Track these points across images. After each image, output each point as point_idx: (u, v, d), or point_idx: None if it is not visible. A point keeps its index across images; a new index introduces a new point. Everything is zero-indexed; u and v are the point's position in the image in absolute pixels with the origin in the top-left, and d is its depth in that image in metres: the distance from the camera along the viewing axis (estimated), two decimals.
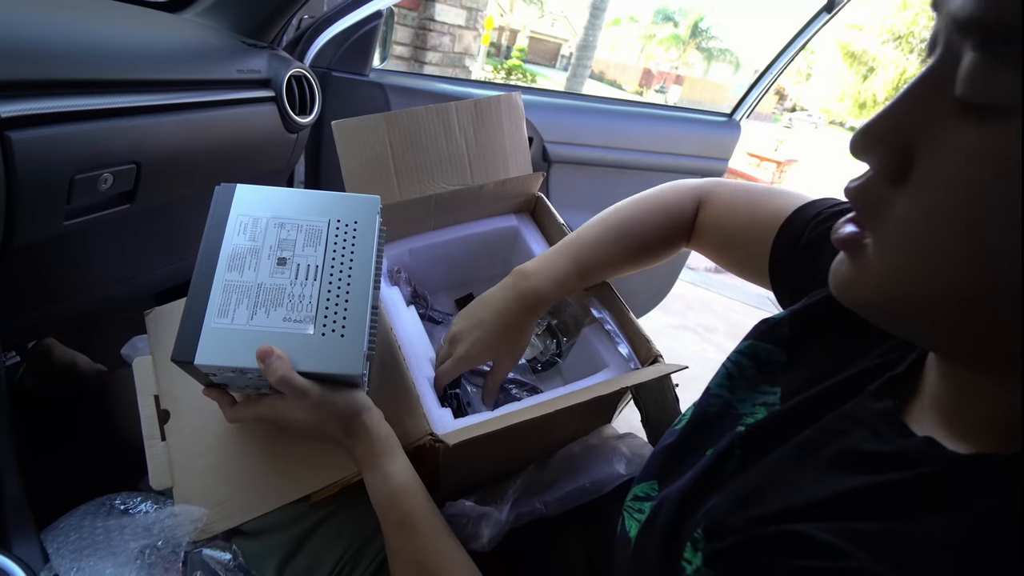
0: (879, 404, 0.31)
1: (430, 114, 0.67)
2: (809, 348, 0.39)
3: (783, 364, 0.40)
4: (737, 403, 0.41)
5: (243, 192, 0.49)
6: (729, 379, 0.42)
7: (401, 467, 0.47)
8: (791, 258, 0.47)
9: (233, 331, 0.44)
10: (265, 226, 0.47)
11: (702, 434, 0.40)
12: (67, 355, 0.89)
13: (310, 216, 0.48)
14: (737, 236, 0.54)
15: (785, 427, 0.34)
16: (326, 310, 0.45)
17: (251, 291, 0.45)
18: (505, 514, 0.51)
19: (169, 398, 0.54)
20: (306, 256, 0.47)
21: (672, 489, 0.37)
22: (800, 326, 0.40)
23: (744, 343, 0.42)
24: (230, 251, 0.46)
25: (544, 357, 0.72)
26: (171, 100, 0.68)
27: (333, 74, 1.10)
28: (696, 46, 20.49)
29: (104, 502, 0.52)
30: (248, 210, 0.48)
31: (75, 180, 0.57)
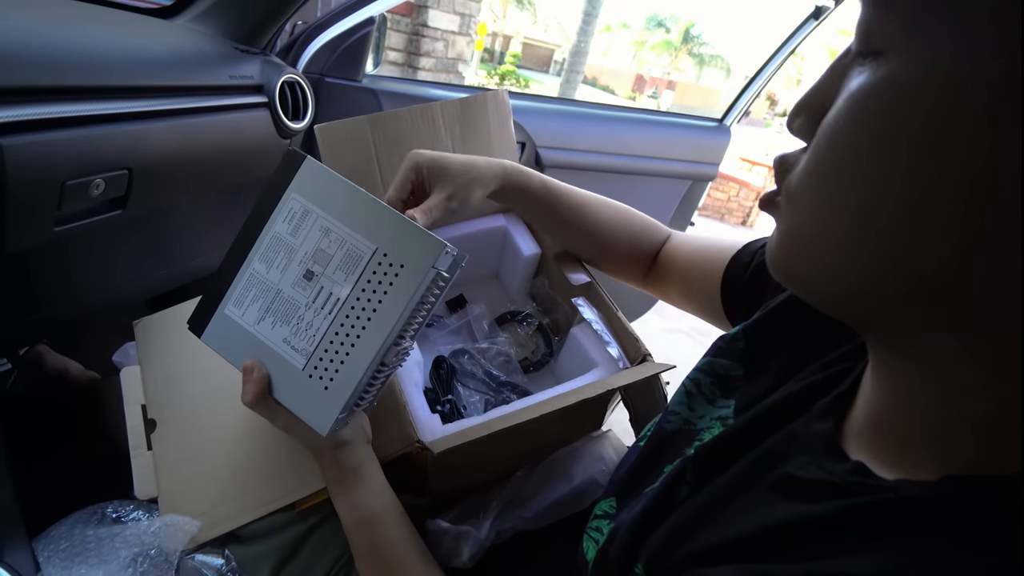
0: (821, 425, 0.30)
1: (414, 115, 0.67)
2: (765, 359, 0.40)
3: (740, 377, 0.41)
4: (696, 419, 0.41)
5: (308, 169, 0.43)
6: (687, 396, 0.42)
7: (370, 494, 0.46)
8: (742, 284, 0.49)
9: (238, 327, 0.44)
10: (312, 225, 0.42)
11: (660, 451, 0.41)
12: (59, 362, 0.89)
13: (359, 233, 0.41)
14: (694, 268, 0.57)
15: (733, 447, 0.34)
16: (324, 352, 0.41)
17: (269, 294, 0.43)
18: (485, 531, 0.51)
19: (156, 408, 0.54)
20: (334, 281, 0.41)
21: (627, 515, 0.37)
22: (755, 338, 0.41)
23: (702, 360, 0.43)
24: (269, 238, 0.43)
25: (535, 357, 0.73)
26: (163, 106, 0.68)
27: (326, 80, 1.10)
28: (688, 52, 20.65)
29: (96, 510, 0.52)
30: (304, 194, 0.43)
31: (66, 186, 0.57)
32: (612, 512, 0.40)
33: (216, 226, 0.96)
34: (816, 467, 0.28)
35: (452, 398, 0.62)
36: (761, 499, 0.30)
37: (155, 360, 0.57)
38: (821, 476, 0.27)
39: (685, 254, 0.60)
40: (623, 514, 0.38)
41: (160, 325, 0.60)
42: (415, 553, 0.45)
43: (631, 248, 0.64)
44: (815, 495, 0.27)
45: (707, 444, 0.36)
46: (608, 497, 0.42)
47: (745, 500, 0.30)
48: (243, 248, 0.44)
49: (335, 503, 0.46)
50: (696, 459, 0.35)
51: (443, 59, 4.31)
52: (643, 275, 0.65)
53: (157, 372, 0.56)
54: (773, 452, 0.32)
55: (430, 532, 0.51)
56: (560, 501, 0.53)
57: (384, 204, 0.41)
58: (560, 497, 0.53)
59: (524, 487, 0.55)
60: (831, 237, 0.25)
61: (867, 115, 0.23)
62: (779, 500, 0.29)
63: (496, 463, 0.58)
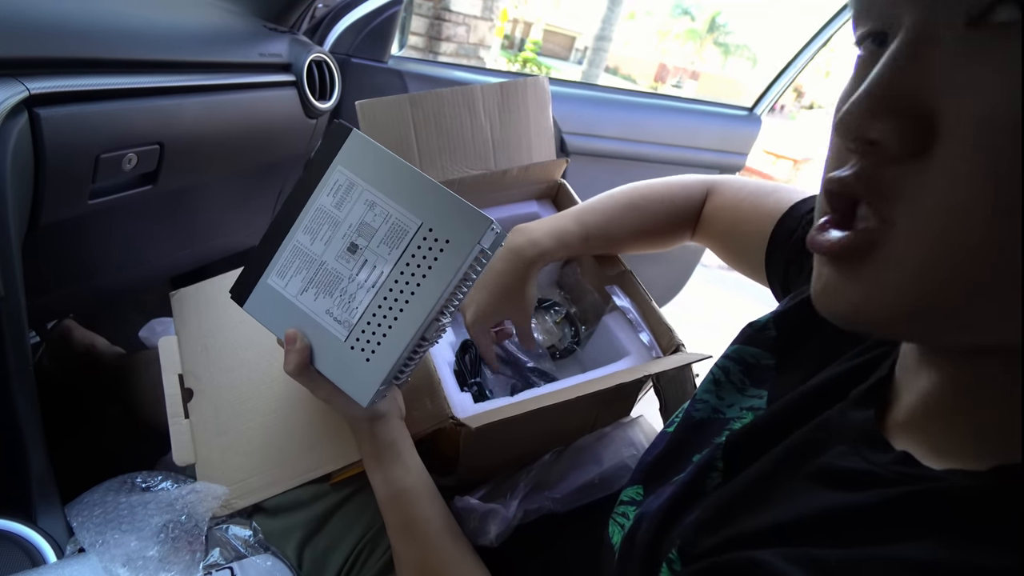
0: (860, 413, 0.29)
1: (455, 96, 0.66)
2: (797, 349, 0.38)
3: (772, 368, 0.40)
4: (725, 408, 0.40)
5: (355, 142, 0.42)
6: (715, 384, 0.41)
7: (405, 470, 0.46)
8: (784, 253, 0.47)
9: (281, 298, 0.44)
10: (357, 197, 0.41)
11: (688, 439, 0.40)
12: (86, 337, 0.90)
13: (405, 207, 0.40)
14: (738, 228, 0.55)
15: (766, 436, 0.33)
16: (367, 325, 0.41)
17: (312, 265, 0.43)
18: (512, 511, 0.51)
19: (192, 378, 0.54)
20: (377, 255, 0.41)
21: (653, 503, 0.36)
22: (787, 327, 0.40)
23: (731, 347, 0.42)
24: (313, 210, 0.43)
25: (562, 345, 0.72)
26: (194, 82, 0.68)
27: (352, 60, 1.09)
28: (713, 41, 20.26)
29: (126, 479, 0.53)
30: (350, 167, 0.42)
31: (100, 159, 0.57)
32: (639, 499, 0.40)
33: (241, 207, 0.97)
34: (858, 457, 0.27)
35: (479, 380, 0.61)
36: (799, 488, 0.29)
37: (192, 331, 0.57)
38: (864, 467, 0.26)
39: (725, 220, 0.57)
40: (649, 501, 0.38)
41: (196, 297, 0.60)
42: (447, 529, 0.45)
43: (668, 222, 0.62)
44: (859, 485, 0.26)
45: (738, 432, 0.35)
46: (635, 484, 0.41)
47: (782, 489, 0.30)
48: (287, 219, 0.44)
49: (370, 476, 0.46)
50: (727, 447, 0.35)
51: (464, 44, 4.27)
52: (690, 235, 0.63)
53: (194, 343, 0.57)
54: (809, 441, 0.31)
55: (458, 509, 0.51)
56: (589, 484, 0.52)
57: (430, 179, 0.40)
58: (589, 480, 0.52)
59: (552, 470, 0.55)
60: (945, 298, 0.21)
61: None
62: (819, 489, 0.28)
63: (525, 445, 0.57)
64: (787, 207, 0.48)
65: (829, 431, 0.30)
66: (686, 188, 0.61)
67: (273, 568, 0.48)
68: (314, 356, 0.43)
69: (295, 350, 0.42)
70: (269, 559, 0.49)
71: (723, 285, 3.37)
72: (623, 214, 0.61)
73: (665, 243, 0.64)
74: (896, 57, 0.21)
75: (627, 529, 0.38)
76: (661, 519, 0.34)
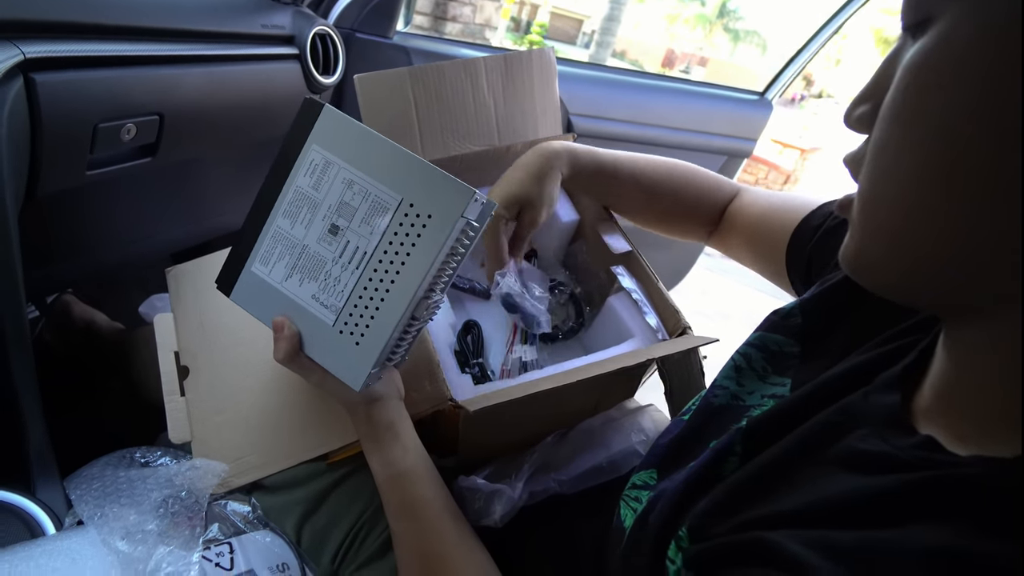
0: (885, 397, 0.29)
1: (457, 69, 0.64)
2: (824, 336, 0.38)
3: (796, 355, 0.39)
4: (745, 395, 0.39)
5: (328, 118, 0.40)
6: (736, 371, 0.41)
7: (403, 452, 0.45)
8: (808, 246, 0.47)
9: (266, 285, 0.43)
10: (334, 177, 0.40)
11: (706, 426, 0.40)
12: (86, 312, 0.90)
13: (384, 183, 0.39)
14: (763, 223, 0.55)
15: (787, 422, 0.33)
16: (353, 307, 0.40)
17: (295, 250, 0.42)
18: (518, 492, 0.50)
19: (189, 355, 0.54)
20: (359, 234, 0.40)
21: (669, 485, 0.36)
22: (812, 314, 0.39)
23: (754, 334, 0.41)
24: (291, 193, 0.41)
25: (565, 326, 0.71)
26: (195, 51, 0.66)
27: (357, 35, 1.07)
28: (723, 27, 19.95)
29: (125, 454, 0.52)
30: (325, 145, 0.40)
31: (99, 128, 0.56)
32: (652, 483, 0.40)
33: (242, 183, 0.96)
34: (880, 440, 0.27)
35: (481, 361, 0.61)
36: (818, 472, 0.29)
37: (188, 308, 0.56)
38: (886, 449, 0.26)
39: (754, 213, 0.58)
40: (664, 484, 0.37)
41: (193, 273, 0.59)
42: (446, 510, 0.45)
43: (697, 205, 0.62)
44: (879, 468, 0.26)
45: (758, 418, 0.35)
46: (648, 468, 0.41)
47: (800, 472, 0.29)
48: (266, 203, 0.43)
49: (368, 459, 0.46)
50: (747, 432, 0.34)
51: (470, 24, 4.20)
52: (708, 233, 0.63)
53: (190, 320, 0.56)
54: (829, 424, 0.31)
55: (462, 489, 0.50)
56: (597, 468, 0.52)
57: (409, 152, 0.39)
58: (597, 463, 0.52)
59: (557, 452, 0.54)
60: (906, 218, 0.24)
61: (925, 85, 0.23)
62: (839, 472, 0.28)
63: (526, 427, 0.57)
64: (813, 207, 0.49)
65: (851, 415, 0.30)
66: (720, 182, 0.62)
67: (272, 544, 0.47)
68: (303, 342, 0.42)
69: (283, 338, 0.42)
70: (268, 535, 0.48)
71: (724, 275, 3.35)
72: (658, 177, 0.61)
73: (682, 226, 0.64)
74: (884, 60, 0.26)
75: (640, 511, 0.37)
76: (676, 500, 0.34)
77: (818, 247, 0.47)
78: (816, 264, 0.47)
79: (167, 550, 0.41)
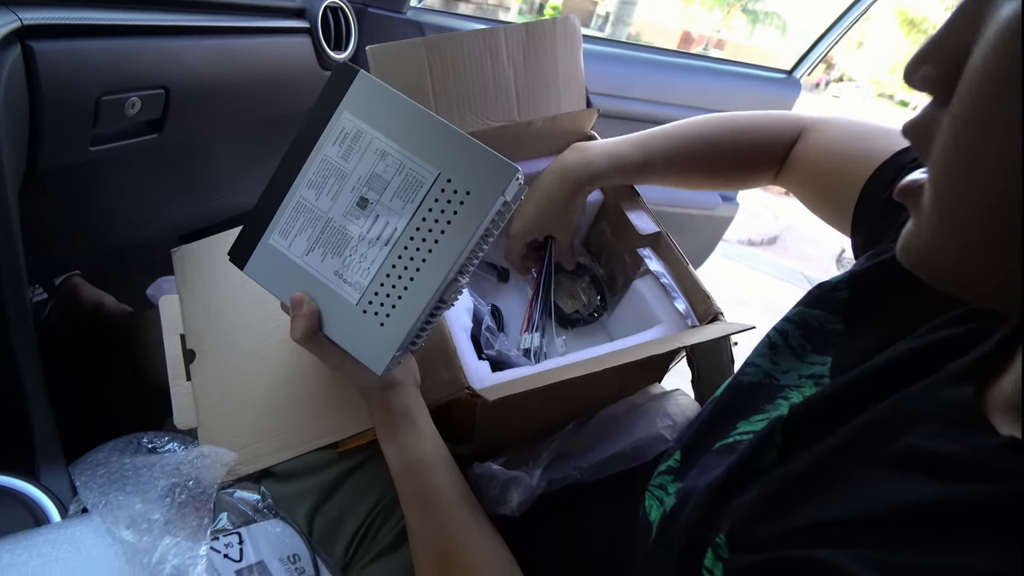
0: (956, 390, 0.25)
1: (475, 39, 0.61)
2: (871, 313, 0.35)
3: (839, 332, 0.36)
4: (779, 374, 0.37)
5: (362, 85, 0.38)
6: (771, 348, 0.38)
7: (420, 440, 0.43)
8: (877, 202, 0.42)
9: (284, 259, 0.40)
10: (366, 147, 0.38)
11: (734, 404, 0.37)
12: (94, 294, 0.88)
13: (420, 156, 0.37)
14: (832, 170, 0.49)
15: (833, 411, 0.29)
16: (380, 287, 0.38)
17: (318, 223, 0.39)
18: (536, 479, 0.48)
19: (195, 338, 0.52)
20: (390, 209, 0.37)
21: (699, 479, 0.33)
22: (861, 289, 0.36)
23: (793, 309, 0.38)
24: (318, 162, 0.39)
25: (586, 312, 0.68)
26: (201, 22, 0.63)
27: (369, 10, 1.03)
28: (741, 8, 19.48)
29: (132, 439, 0.51)
30: (357, 112, 0.38)
31: (102, 101, 0.54)
32: (676, 467, 0.37)
33: (253, 162, 0.93)
34: (950, 440, 0.23)
35: (500, 349, 0.58)
36: (872, 473, 0.25)
37: (194, 290, 0.54)
38: (964, 451, 0.23)
39: (821, 159, 0.51)
40: (694, 476, 0.35)
41: (199, 254, 0.57)
42: (463, 501, 0.43)
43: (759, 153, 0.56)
44: (949, 473, 0.22)
45: (801, 405, 0.32)
46: (675, 452, 0.38)
47: (851, 472, 0.26)
48: (289, 172, 0.40)
49: (383, 447, 0.44)
50: (788, 422, 0.31)
51: (484, 5, 4.13)
52: (773, 176, 0.58)
53: (196, 302, 0.54)
54: (885, 419, 0.27)
55: (478, 476, 0.48)
56: (620, 455, 0.49)
57: (448, 124, 0.36)
58: (620, 451, 0.49)
59: (577, 440, 0.52)
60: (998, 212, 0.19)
61: None
62: (896, 475, 0.24)
63: (545, 415, 0.54)
64: (889, 154, 0.43)
65: (912, 409, 0.26)
66: (780, 122, 0.55)
67: (283, 534, 0.46)
68: (323, 322, 0.39)
69: (302, 315, 0.39)
70: (279, 524, 0.46)
71: (740, 261, 3.29)
72: (695, 145, 0.57)
73: (741, 181, 0.60)
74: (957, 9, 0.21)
75: (669, 506, 0.35)
76: (710, 497, 0.31)
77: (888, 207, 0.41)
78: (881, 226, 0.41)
79: (173, 541, 0.39)
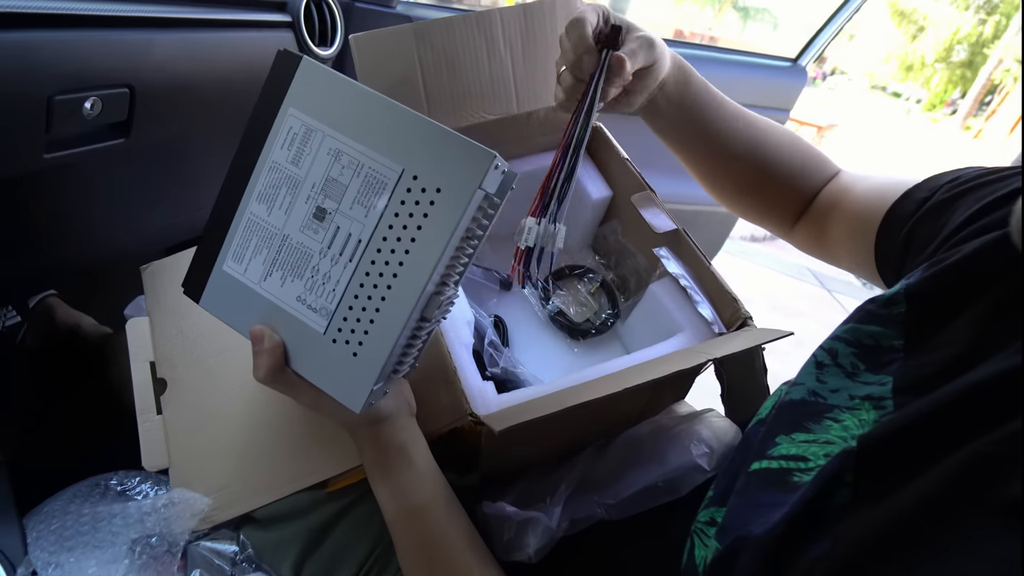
0: None
1: (468, 23, 0.55)
2: (937, 329, 0.31)
3: (899, 349, 0.32)
4: (827, 392, 0.33)
5: (307, 73, 0.33)
6: (818, 367, 0.34)
7: (417, 479, 0.38)
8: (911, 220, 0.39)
9: (241, 286, 0.35)
10: (318, 147, 0.33)
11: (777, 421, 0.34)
12: (71, 316, 0.83)
13: (380, 152, 0.32)
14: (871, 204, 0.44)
15: (918, 444, 0.26)
16: (348, 310, 0.33)
17: (273, 241, 0.34)
18: (556, 520, 0.42)
19: (167, 366, 0.46)
20: (352, 217, 0.32)
21: (753, 525, 0.29)
22: (923, 300, 0.32)
23: (842, 327, 0.35)
24: (266, 170, 0.34)
25: (597, 319, 0.63)
26: (170, 13, 0.58)
27: (356, 5, 0.98)
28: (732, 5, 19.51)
29: (98, 482, 0.45)
30: (305, 108, 0.33)
31: (54, 101, 0.48)
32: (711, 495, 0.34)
33: None
34: None
35: (505, 367, 0.52)
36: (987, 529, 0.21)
37: (166, 311, 0.49)
38: None
39: (857, 193, 0.47)
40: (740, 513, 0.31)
41: (172, 271, 0.51)
42: (469, 547, 0.38)
43: (797, 177, 0.51)
44: None
45: (876, 436, 0.27)
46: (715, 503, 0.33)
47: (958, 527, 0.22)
48: (237, 186, 0.35)
49: (376, 490, 0.38)
50: (862, 456, 0.27)
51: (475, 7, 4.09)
52: (796, 216, 0.53)
53: (168, 325, 0.49)
54: (994, 458, 0.23)
55: (488, 517, 0.42)
56: (651, 488, 0.43)
57: (410, 111, 0.31)
58: (651, 482, 0.43)
59: (599, 468, 0.46)
60: None
61: None
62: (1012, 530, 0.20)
63: (559, 440, 0.49)
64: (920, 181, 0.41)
65: None
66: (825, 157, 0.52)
67: None
68: (289, 356, 0.34)
69: (264, 351, 0.34)
70: None
71: (744, 257, 3.24)
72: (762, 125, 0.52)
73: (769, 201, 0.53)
74: None
75: (716, 553, 0.30)
76: (773, 547, 0.26)
77: (925, 221, 0.38)
78: (918, 240, 0.38)
79: None
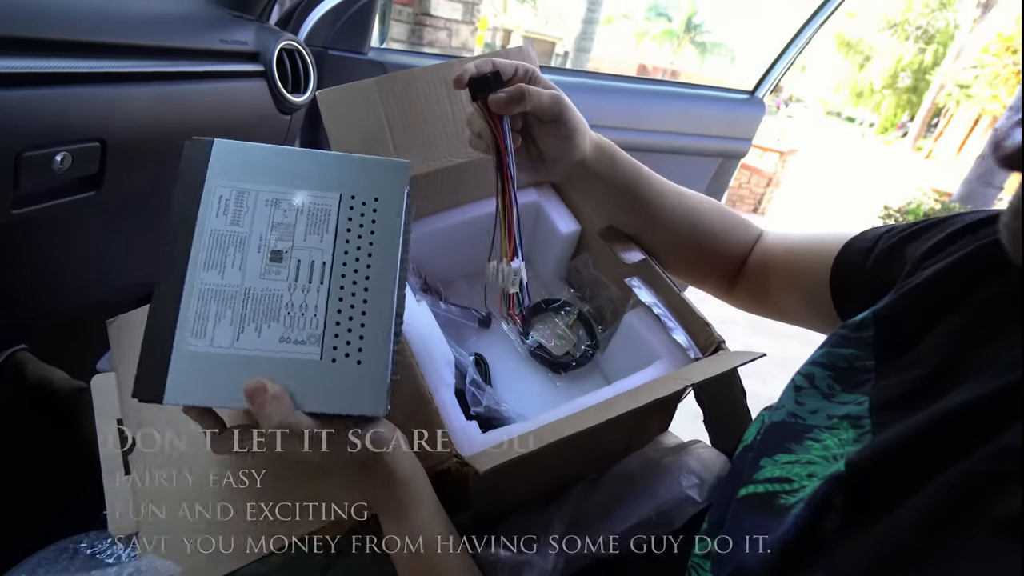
0: None
1: (430, 75, 0.57)
2: (907, 349, 0.32)
3: (870, 369, 0.33)
4: (805, 414, 0.34)
5: (222, 151, 0.37)
6: (796, 390, 0.35)
7: (428, 513, 0.38)
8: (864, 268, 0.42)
9: (213, 358, 0.34)
10: (254, 203, 0.36)
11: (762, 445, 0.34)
12: (41, 371, 0.80)
13: (314, 189, 0.36)
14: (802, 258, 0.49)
15: (905, 465, 0.26)
16: (337, 326, 0.35)
17: (236, 298, 0.34)
18: (552, 563, 0.42)
19: (135, 422, 0.45)
20: (309, 248, 0.36)
21: (744, 552, 0.29)
22: (889, 323, 0.33)
23: (818, 352, 0.36)
24: (207, 240, 0.35)
25: (577, 352, 0.63)
26: (140, 68, 0.58)
27: (329, 52, 1.01)
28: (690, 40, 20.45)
29: (67, 546, 0.43)
30: (230, 178, 0.36)
31: (22, 158, 0.48)
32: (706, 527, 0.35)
33: None
34: None
35: (488, 405, 0.52)
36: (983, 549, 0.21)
37: (133, 366, 0.47)
38: None
39: (785, 249, 0.52)
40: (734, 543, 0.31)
41: (139, 324, 0.50)
42: None
43: (727, 242, 0.56)
44: None
45: (863, 458, 0.28)
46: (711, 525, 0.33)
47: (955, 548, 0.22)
48: (178, 267, 0.35)
49: (386, 529, 0.38)
50: (851, 479, 0.27)
51: (447, 48, 4.20)
52: (732, 278, 0.57)
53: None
54: (980, 473, 0.23)
55: (481, 561, 0.42)
56: (644, 522, 0.43)
57: (324, 152, 0.38)
58: (644, 517, 0.43)
59: (591, 504, 0.46)
60: None
61: None
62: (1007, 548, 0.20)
63: (548, 476, 0.48)
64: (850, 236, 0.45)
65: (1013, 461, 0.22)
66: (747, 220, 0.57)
67: None
68: (294, 399, 0.34)
69: (268, 400, 0.32)
70: None
71: None
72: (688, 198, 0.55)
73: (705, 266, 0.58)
74: None
75: None
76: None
77: (878, 268, 0.40)
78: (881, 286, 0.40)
79: None
